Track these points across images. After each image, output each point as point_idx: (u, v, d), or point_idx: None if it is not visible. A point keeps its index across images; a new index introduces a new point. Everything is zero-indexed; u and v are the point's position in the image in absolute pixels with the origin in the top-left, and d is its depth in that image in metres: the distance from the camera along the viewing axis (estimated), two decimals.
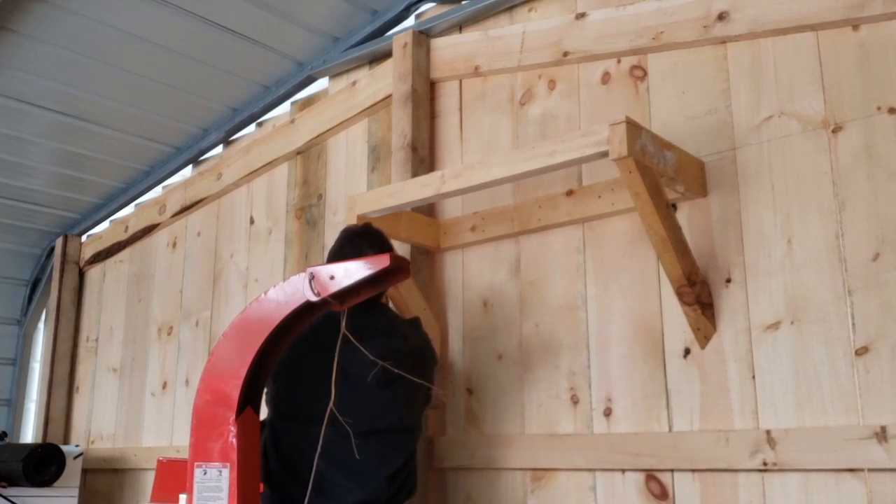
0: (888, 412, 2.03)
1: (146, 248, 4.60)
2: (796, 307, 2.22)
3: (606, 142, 2.06)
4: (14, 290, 5.29)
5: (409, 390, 2.26)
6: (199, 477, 1.95)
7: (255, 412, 2.06)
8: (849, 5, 2.24)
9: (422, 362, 2.36)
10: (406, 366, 2.14)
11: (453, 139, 3.15)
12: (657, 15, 2.62)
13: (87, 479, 4.45)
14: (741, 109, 2.42)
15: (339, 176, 3.55)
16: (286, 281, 2.00)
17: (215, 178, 4.14)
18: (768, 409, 2.21)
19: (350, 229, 2.47)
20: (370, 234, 2.42)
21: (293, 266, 3.63)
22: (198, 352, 4.05)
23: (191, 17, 3.31)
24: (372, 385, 2.17)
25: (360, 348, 1.98)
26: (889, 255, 2.10)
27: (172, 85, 3.79)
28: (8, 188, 4.50)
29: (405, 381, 2.15)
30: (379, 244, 2.37)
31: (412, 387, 2.22)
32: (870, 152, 2.17)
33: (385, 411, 2.24)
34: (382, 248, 2.33)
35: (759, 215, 2.33)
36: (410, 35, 3.23)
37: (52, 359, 4.85)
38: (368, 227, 2.46)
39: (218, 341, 2.04)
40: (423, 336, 2.45)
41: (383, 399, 2.23)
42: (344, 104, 3.55)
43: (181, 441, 3.96)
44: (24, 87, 3.67)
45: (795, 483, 2.14)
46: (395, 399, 2.26)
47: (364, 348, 2.00)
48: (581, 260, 2.67)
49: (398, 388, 2.23)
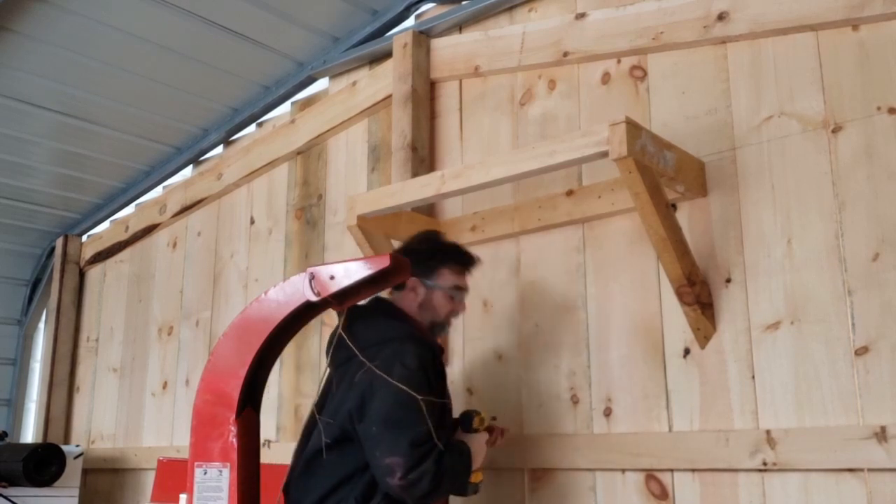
0: (888, 412, 2.03)
1: (146, 248, 4.60)
2: (796, 307, 2.22)
3: (606, 142, 2.06)
4: (14, 290, 5.29)
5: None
6: (199, 477, 1.95)
7: (255, 412, 2.07)
8: (849, 5, 2.24)
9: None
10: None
11: (453, 139, 3.15)
12: (657, 15, 2.62)
13: (87, 479, 4.45)
14: (741, 109, 2.42)
15: (340, 176, 3.56)
16: (286, 281, 2.00)
17: (215, 178, 4.14)
18: (768, 409, 2.21)
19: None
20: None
21: (293, 266, 3.63)
22: (198, 352, 4.05)
23: (191, 17, 3.31)
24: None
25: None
26: (889, 255, 2.10)
27: (172, 85, 3.79)
28: (8, 188, 4.50)
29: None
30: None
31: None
32: (870, 152, 2.17)
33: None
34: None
35: (759, 215, 2.33)
36: (410, 35, 3.23)
37: (53, 359, 4.85)
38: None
39: (218, 341, 2.04)
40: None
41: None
42: (344, 104, 3.55)
43: (181, 441, 3.96)
44: (24, 87, 3.67)
45: (795, 483, 2.14)
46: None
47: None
48: (581, 260, 2.67)
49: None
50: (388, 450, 1.97)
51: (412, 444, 1.97)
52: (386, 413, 2.01)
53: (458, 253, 2.37)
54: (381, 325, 2.22)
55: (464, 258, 2.37)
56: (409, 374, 2.05)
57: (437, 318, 2.31)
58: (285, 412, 3.51)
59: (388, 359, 2.08)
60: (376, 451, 1.99)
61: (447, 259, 2.34)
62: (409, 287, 2.28)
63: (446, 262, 2.33)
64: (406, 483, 1.96)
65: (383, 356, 2.09)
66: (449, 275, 2.32)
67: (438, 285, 2.29)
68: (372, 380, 2.05)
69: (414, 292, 2.28)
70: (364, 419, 2.03)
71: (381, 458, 1.98)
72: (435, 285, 2.29)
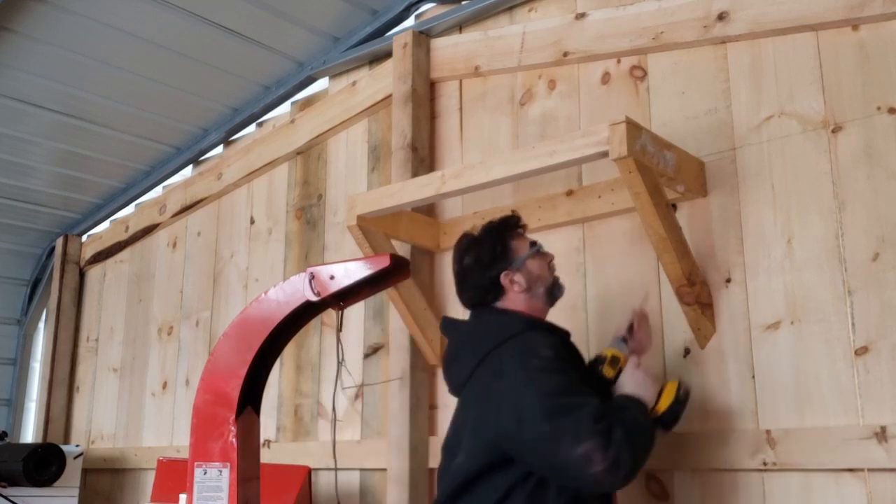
0: (888, 412, 2.03)
1: (146, 248, 4.60)
2: (796, 307, 2.22)
3: (606, 142, 2.06)
4: (14, 290, 5.29)
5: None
6: (199, 477, 1.95)
7: (255, 412, 2.06)
8: (849, 5, 2.24)
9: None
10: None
11: (453, 139, 3.15)
12: (657, 15, 2.62)
13: (87, 478, 4.45)
14: (741, 109, 2.42)
15: (339, 176, 3.56)
16: (286, 281, 2.00)
17: (215, 178, 4.14)
18: (768, 409, 2.21)
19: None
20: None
21: (293, 266, 3.63)
22: (198, 352, 4.05)
23: (191, 17, 3.31)
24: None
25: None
26: (889, 255, 2.10)
27: (172, 85, 3.79)
28: (8, 188, 4.50)
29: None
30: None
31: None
32: (869, 152, 2.17)
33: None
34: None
35: (759, 215, 2.33)
36: (410, 35, 3.23)
37: (53, 359, 4.85)
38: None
39: (218, 341, 2.04)
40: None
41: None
42: (344, 104, 3.55)
43: (181, 441, 3.96)
44: (24, 87, 3.67)
45: (795, 483, 2.14)
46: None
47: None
48: (581, 260, 2.67)
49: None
50: (574, 439, 1.74)
51: (595, 421, 1.76)
52: (550, 406, 1.80)
53: (505, 225, 2.19)
54: (491, 325, 2.07)
55: (511, 222, 2.20)
56: (547, 361, 1.90)
57: (547, 283, 2.16)
58: (285, 412, 3.51)
59: (516, 356, 1.92)
60: (559, 450, 1.75)
61: (504, 236, 2.16)
62: (504, 287, 2.10)
63: (507, 238, 2.15)
64: (609, 464, 1.73)
65: (508, 355, 1.93)
66: (518, 243, 2.15)
67: (521, 258, 2.12)
68: (512, 383, 1.87)
69: (512, 284, 2.10)
70: (524, 425, 1.81)
71: (569, 453, 1.74)
72: (519, 260, 2.12)
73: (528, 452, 1.83)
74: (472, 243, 2.17)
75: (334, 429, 2.85)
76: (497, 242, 2.14)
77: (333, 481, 3.20)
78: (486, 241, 2.15)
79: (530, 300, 2.11)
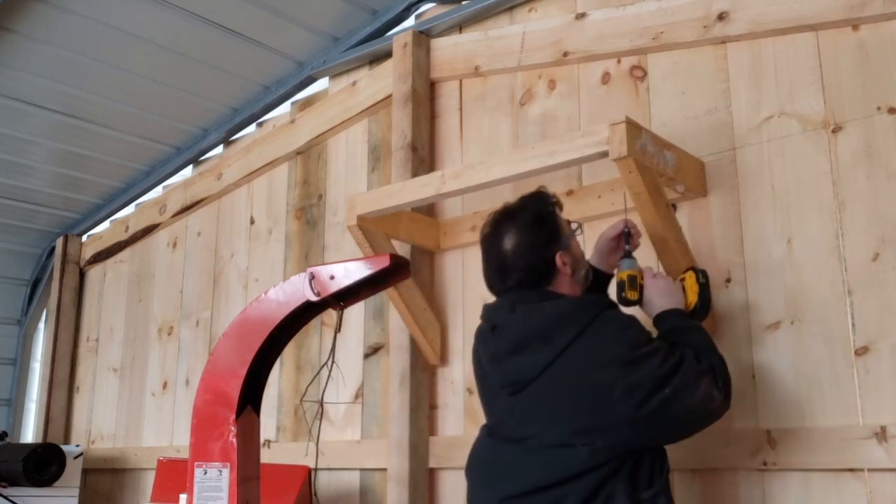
0: (888, 412, 2.03)
1: (146, 248, 4.60)
2: (796, 307, 2.22)
3: (606, 142, 2.06)
4: (14, 290, 5.29)
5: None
6: (199, 477, 1.95)
7: (255, 412, 2.07)
8: (849, 5, 2.24)
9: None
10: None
11: (453, 139, 3.15)
12: (657, 15, 2.62)
13: (87, 479, 4.45)
14: (741, 109, 2.42)
15: (339, 176, 3.56)
16: (286, 281, 2.00)
17: (215, 178, 4.14)
18: (768, 409, 2.21)
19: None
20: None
21: (293, 266, 3.63)
22: (198, 352, 4.05)
23: (191, 17, 3.31)
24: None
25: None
26: (889, 255, 2.10)
27: (172, 85, 3.79)
28: (8, 188, 4.50)
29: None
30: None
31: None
32: (869, 152, 2.17)
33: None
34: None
35: (759, 215, 2.33)
36: (410, 35, 3.23)
37: (53, 359, 4.85)
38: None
39: (218, 341, 2.04)
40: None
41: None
42: (344, 104, 3.55)
43: (181, 441, 3.96)
44: (24, 87, 3.67)
45: (795, 483, 2.14)
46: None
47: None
48: None
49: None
50: (692, 379, 1.76)
51: (698, 358, 1.81)
52: (663, 373, 1.75)
53: (548, 201, 2.03)
54: (564, 308, 1.87)
55: (551, 199, 2.03)
56: (624, 326, 1.84)
57: (586, 266, 2.03)
58: (285, 412, 3.52)
59: (611, 337, 1.82)
60: (684, 404, 1.76)
61: (554, 213, 2.01)
62: (559, 268, 1.92)
63: (556, 217, 2.00)
64: (723, 391, 1.83)
65: (601, 338, 1.82)
66: (563, 222, 2.01)
67: (567, 235, 1.98)
68: (620, 367, 1.77)
69: (564, 265, 1.93)
70: (645, 402, 1.74)
71: (692, 396, 1.76)
72: (567, 238, 1.97)
73: (648, 427, 1.77)
74: (521, 221, 1.96)
75: (319, 428, 2.83)
76: (549, 220, 1.97)
77: (333, 481, 3.21)
78: (541, 218, 1.97)
79: (574, 284, 1.96)
